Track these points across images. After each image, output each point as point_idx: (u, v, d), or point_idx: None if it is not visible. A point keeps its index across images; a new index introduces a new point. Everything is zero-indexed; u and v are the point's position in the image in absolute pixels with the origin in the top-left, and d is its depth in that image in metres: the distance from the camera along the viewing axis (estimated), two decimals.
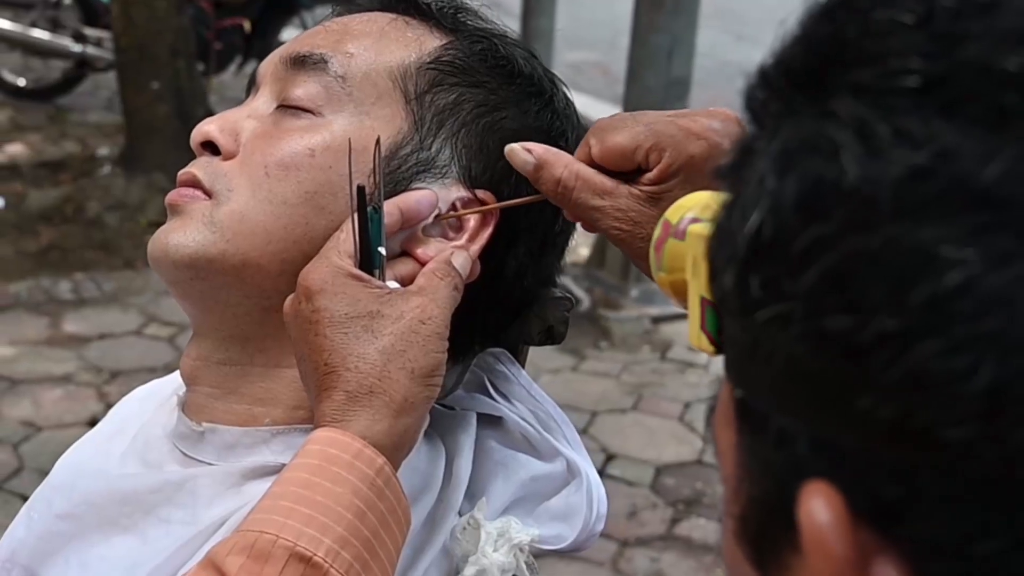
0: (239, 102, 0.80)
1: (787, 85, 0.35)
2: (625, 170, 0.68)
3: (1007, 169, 0.30)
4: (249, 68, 5.41)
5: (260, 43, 5.20)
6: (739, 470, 0.37)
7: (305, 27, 5.18)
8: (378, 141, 0.70)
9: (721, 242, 0.37)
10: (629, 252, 0.69)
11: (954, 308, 0.30)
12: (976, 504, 0.30)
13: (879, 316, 0.31)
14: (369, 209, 0.67)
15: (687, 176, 0.67)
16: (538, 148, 0.70)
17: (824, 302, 0.32)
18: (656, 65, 3.47)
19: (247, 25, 5.14)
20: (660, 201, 0.66)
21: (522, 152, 0.70)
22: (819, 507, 0.32)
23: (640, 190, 0.68)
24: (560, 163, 0.69)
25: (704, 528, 2.71)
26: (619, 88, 3.85)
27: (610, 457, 2.95)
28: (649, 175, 0.67)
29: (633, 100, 3.57)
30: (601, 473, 2.93)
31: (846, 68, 0.33)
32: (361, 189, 0.67)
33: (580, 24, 6.42)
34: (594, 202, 0.68)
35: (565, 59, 5.76)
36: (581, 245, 3.73)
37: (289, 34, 5.35)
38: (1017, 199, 0.30)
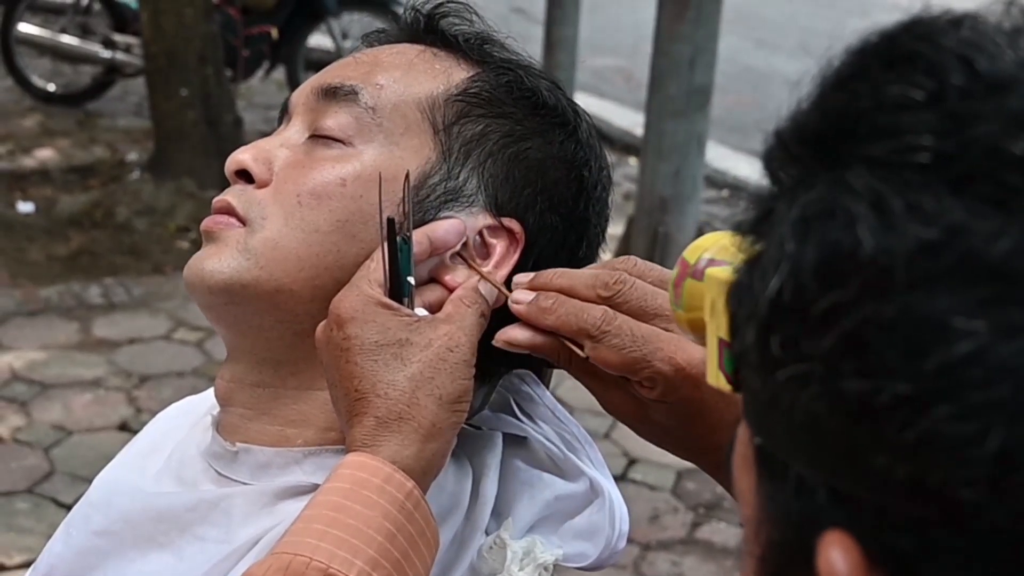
0: (266, 108, 0.82)
1: (803, 151, 0.37)
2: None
3: (1015, 246, 0.32)
4: (276, 74, 5.45)
5: (287, 50, 5.22)
6: (759, 513, 0.38)
7: (332, 34, 5.24)
8: (407, 176, 0.72)
9: (742, 299, 0.38)
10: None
11: (965, 376, 0.32)
12: (988, 558, 0.32)
13: (894, 381, 0.32)
14: (399, 239, 0.69)
15: (673, 387, 0.69)
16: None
17: (842, 365, 0.34)
18: (678, 74, 3.48)
19: (274, 32, 5.17)
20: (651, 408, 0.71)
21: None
22: (837, 557, 0.34)
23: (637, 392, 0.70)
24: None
25: (724, 532, 2.72)
26: (641, 94, 3.86)
27: (632, 461, 2.97)
28: (648, 392, 0.70)
29: (656, 108, 3.58)
30: (623, 477, 2.95)
31: (860, 141, 0.35)
32: (391, 220, 0.69)
33: (603, 30, 6.41)
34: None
35: (588, 65, 5.77)
36: (604, 252, 3.74)
37: (316, 41, 5.39)
38: None
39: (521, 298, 0.71)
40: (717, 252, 0.58)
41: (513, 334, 0.71)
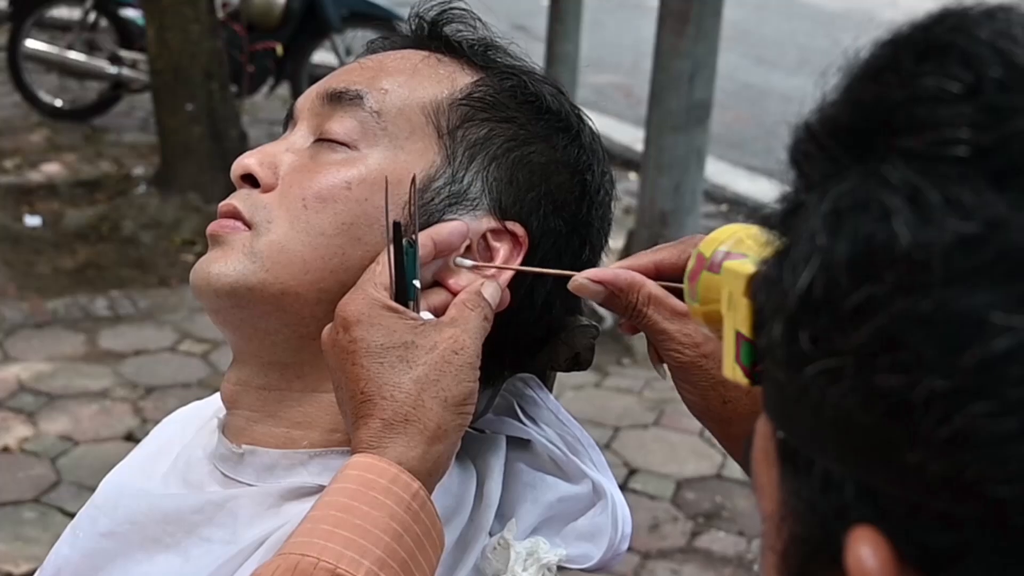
0: (271, 123, 0.82)
1: (834, 144, 0.36)
2: None
3: None
4: (281, 90, 5.48)
5: (292, 66, 5.25)
6: (781, 508, 0.38)
7: (336, 50, 5.26)
8: (414, 179, 0.72)
9: (769, 293, 0.37)
10: (685, 375, 0.70)
11: (1003, 372, 0.31)
12: (1022, 556, 0.32)
13: (930, 377, 0.32)
14: (405, 243, 0.70)
15: None
16: (607, 276, 0.71)
17: (875, 360, 0.33)
18: (678, 89, 3.50)
19: (279, 48, 5.20)
20: None
21: (592, 285, 0.72)
22: (867, 553, 0.33)
23: None
24: (633, 290, 0.71)
25: (723, 541, 2.73)
26: (641, 110, 3.89)
27: (632, 471, 2.98)
28: None
29: (655, 123, 3.60)
30: (623, 487, 2.98)
31: (895, 133, 0.34)
32: (397, 224, 0.69)
33: (603, 47, 6.45)
34: (664, 325, 0.70)
35: (589, 81, 5.79)
36: (606, 256, 3.76)
37: (320, 57, 5.42)
38: None
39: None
40: (733, 245, 0.58)
41: (588, 276, 0.72)
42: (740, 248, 0.57)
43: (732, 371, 0.44)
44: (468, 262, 0.74)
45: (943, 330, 0.32)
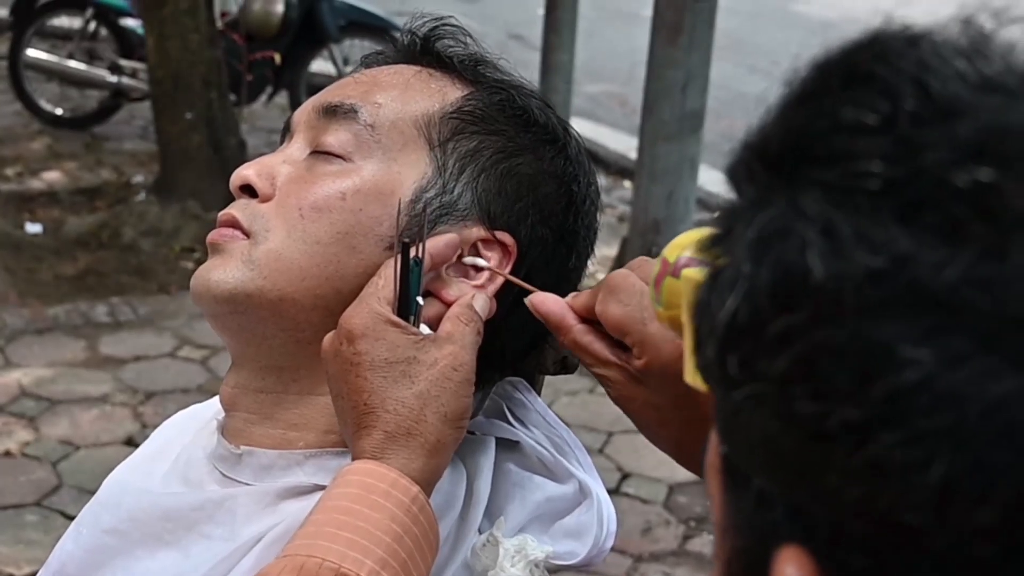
0: (270, 131, 0.84)
1: (763, 171, 0.37)
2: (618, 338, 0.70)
3: (960, 276, 0.32)
4: (279, 99, 5.50)
5: (290, 75, 5.26)
6: (724, 519, 0.39)
7: (333, 60, 5.29)
8: (425, 204, 0.75)
9: (703, 316, 0.38)
10: (623, 410, 0.72)
11: (911, 404, 0.32)
12: None
13: (843, 406, 0.33)
14: (411, 261, 0.72)
15: (663, 374, 0.67)
16: (543, 310, 0.72)
17: (794, 387, 0.34)
18: (671, 98, 3.51)
19: (277, 57, 5.20)
20: (642, 383, 0.69)
21: (533, 310, 0.73)
22: (792, 573, 0.34)
23: (628, 365, 0.70)
24: (560, 332, 0.72)
25: None
26: (636, 119, 3.90)
27: (625, 476, 3.00)
28: (636, 362, 0.69)
29: (649, 132, 3.62)
30: (616, 491, 2.99)
31: (815, 164, 0.35)
32: (406, 244, 0.72)
33: (599, 57, 6.46)
34: (594, 368, 0.72)
35: (584, 91, 5.81)
36: (598, 271, 3.78)
37: (318, 66, 5.44)
38: (969, 305, 0.31)
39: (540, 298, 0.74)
40: (696, 251, 0.60)
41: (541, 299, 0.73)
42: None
43: (693, 376, 0.46)
44: (481, 261, 0.76)
45: (855, 361, 0.32)
